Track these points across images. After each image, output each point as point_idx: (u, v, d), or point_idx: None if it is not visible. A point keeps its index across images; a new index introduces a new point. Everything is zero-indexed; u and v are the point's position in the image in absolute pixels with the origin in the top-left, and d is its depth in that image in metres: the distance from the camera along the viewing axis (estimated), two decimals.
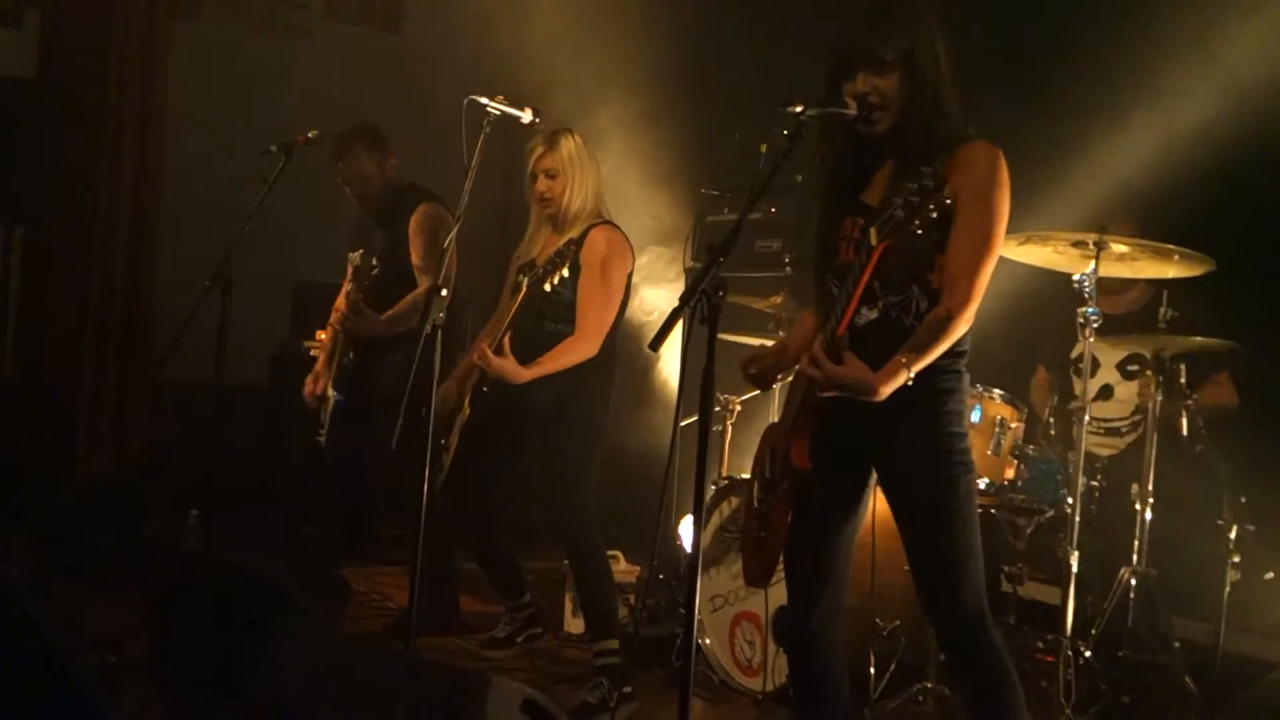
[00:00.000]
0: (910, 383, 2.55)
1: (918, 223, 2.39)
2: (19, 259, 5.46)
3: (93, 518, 4.68)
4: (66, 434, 5.62)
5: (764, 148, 2.56)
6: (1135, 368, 4.36)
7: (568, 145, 3.97)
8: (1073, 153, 4.54)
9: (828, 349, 2.54)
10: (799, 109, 2.59)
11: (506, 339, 3.81)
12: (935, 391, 2.68)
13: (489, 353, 3.77)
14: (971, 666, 2.75)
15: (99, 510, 4.71)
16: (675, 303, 2.49)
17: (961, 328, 2.61)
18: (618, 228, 4.06)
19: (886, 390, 2.53)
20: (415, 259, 4.55)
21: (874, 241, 2.46)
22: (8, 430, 5.41)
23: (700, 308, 2.44)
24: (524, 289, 3.79)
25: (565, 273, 3.75)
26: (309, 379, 4.71)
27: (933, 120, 2.67)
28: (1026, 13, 4.89)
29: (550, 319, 3.94)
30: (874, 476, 2.85)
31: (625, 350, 4.17)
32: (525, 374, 3.81)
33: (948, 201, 2.39)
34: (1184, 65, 4.36)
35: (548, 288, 3.76)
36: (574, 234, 3.96)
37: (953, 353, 2.66)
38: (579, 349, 3.90)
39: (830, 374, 2.51)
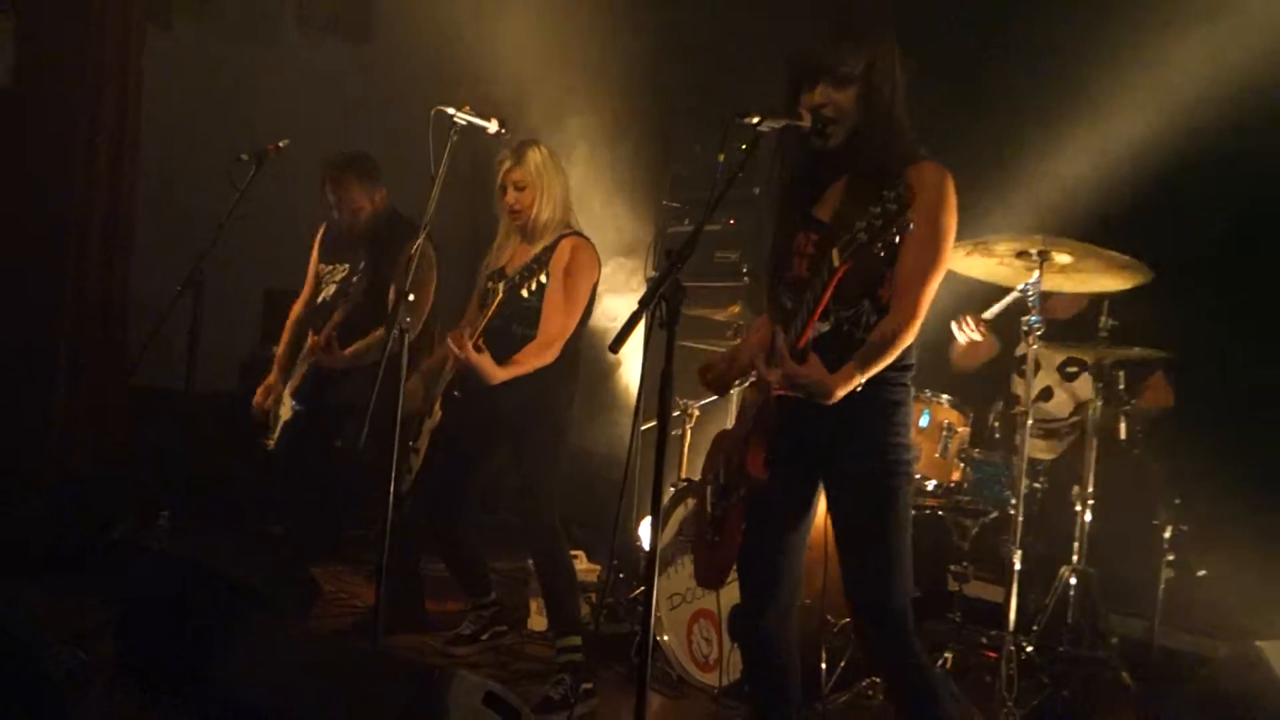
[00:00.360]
0: (860, 388, 2.58)
1: (880, 245, 2.39)
2: None
3: (64, 519, 4.63)
4: (41, 438, 5.55)
5: (721, 157, 2.58)
6: (1074, 369, 4.41)
7: (535, 157, 3.97)
8: (1015, 164, 4.60)
9: (775, 355, 2.55)
10: (755, 120, 2.60)
11: (480, 339, 3.78)
12: (884, 403, 2.72)
13: (468, 344, 3.70)
14: (894, 669, 2.79)
15: (71, 512, 4.67)
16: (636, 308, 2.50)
17: (908, 339, 2.65)
18: (587, 239, 4.06)
19: (840, 393, 2.56)
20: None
21: (836, 263, 2.45)
22: None
23: (659, 311, 2.45)
24: (500, 294, 3.75)
25: (543, 279, 3.72)
26: (260, 390, 4.70)
27: (886, 139, 2.69)
28: (972, 29, 4.96)
29: (518, 323, 3.93)
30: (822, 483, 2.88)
31: (587, 357, 4.17)
32: (501, 374, 3.78)
33: (910, 226, 2.38)
34: (1122, 83, 4.43)
35: (525, 294, 3.72)
36: (546, 242, 3.97)
37: (900, 366, 2.70)
38: (541, 354, 3.88)
39: (793, 372, 2.53)
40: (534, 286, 3.72)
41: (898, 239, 2.39)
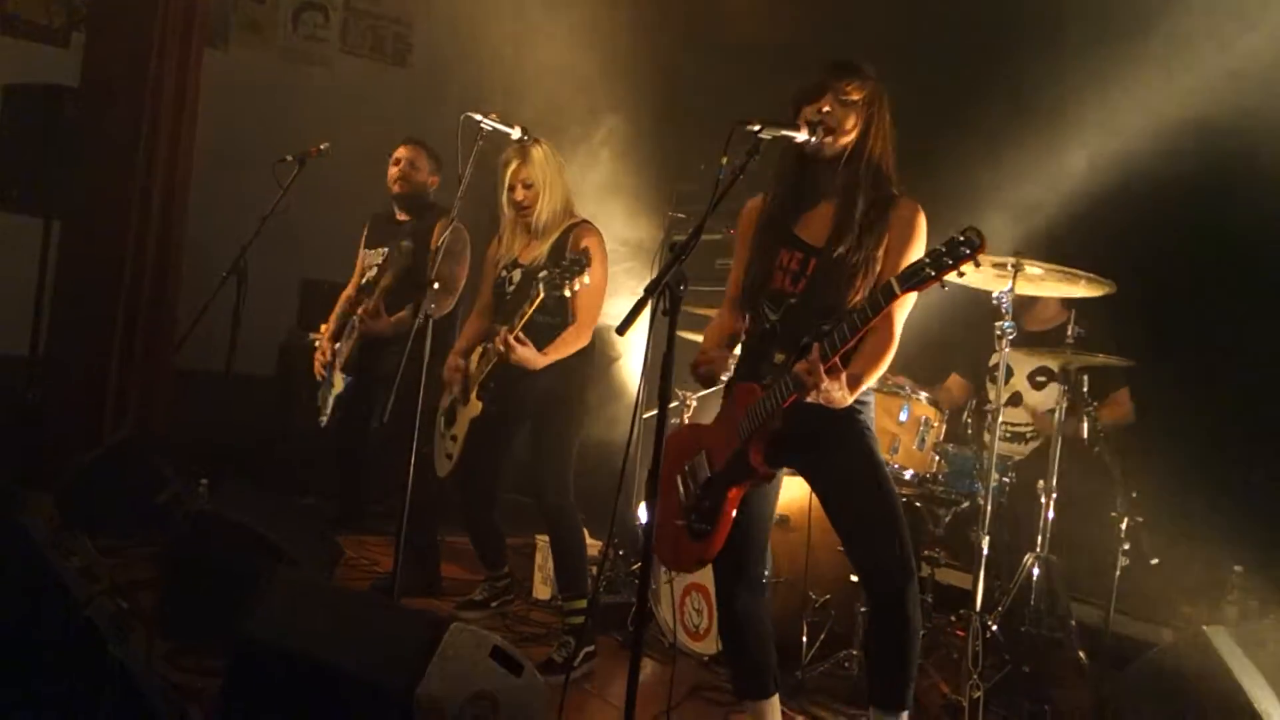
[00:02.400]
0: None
1: (943, 281, 2.38)
2: (56, 250, 5.36)
3: (113, 483, 4.61)
4: (94, 409, 5.52)
5: (724, 160, 2.54)
6: (1043, 379, 4.37)
7: (538, 155, 3.92)
8: (991, 186, 4.58)
9: (811, 369, 2.50)
10: (756, 128, 2.58)
11: (519, 332, 3.71)
12: (862, 403, 2.77)
13: (513, 341, 3.66)
14: (893, 625, 2.74)
15: (119, 476, 4.65)
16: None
17: (891, 357, 2.70)
18: (593, 224, 4.00)
19: (849, 400, 2.60)
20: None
21: (897, 290, 2.42)
22: (42, 404, 5.30)
23: (663, 299, 2.40)
24: (541, 294, 3.62)
25: (585, 279, 3.58)
26: (318, 353, 4.66)
27: (877, 173, 2.72)
28: (955, 69, 4.95)
29: (541, 312, 3.87)
30: (783, 469, 2.87)
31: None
32: (542, 360, 3.76)
33: (969, 267, 2.36)
34: (1090, 110, 4.42)
35: (567, 293, 3.61)
36: (555, 236, 3.92)
37: None
38: (578, 338, 3.86)
39: (826, 386, 2.51)
40: (576, 287, 3.57)
41: (961, 274, 2.38)
